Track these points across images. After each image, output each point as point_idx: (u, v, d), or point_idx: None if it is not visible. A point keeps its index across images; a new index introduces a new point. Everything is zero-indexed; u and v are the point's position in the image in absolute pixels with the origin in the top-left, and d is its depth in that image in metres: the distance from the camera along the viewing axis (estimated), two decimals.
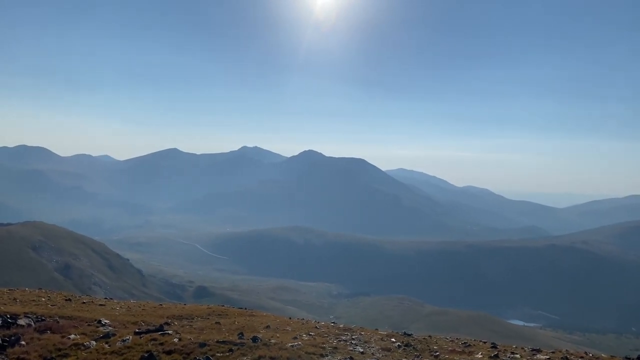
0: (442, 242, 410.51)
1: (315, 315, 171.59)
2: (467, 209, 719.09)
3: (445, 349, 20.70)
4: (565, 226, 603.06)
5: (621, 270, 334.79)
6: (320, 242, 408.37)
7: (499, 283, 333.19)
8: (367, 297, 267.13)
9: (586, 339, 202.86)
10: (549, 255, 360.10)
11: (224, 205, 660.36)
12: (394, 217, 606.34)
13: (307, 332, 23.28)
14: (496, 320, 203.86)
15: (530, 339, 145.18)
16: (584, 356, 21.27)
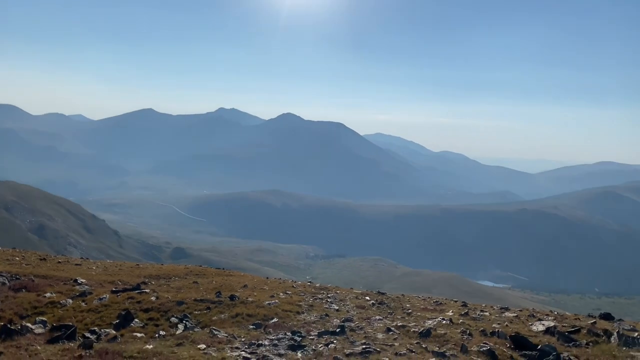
0: (417, 206, 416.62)
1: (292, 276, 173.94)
2: (442, 174, 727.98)
3: (418, 306, 21.30)
4: (537, 191, 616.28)
5: (587, 234, 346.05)
6: (298, 205, 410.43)
7: (471, 246, 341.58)
8: (343, 259, 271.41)
9: (552, 299, 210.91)
10: (520, 219, 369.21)
11: (201, 167, 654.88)
12: (371, 182, 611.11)
13: (283, 291, 23.65)
14: (467, 281, 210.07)
15: (499, 299, 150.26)
16: (549, 314, 22.15)
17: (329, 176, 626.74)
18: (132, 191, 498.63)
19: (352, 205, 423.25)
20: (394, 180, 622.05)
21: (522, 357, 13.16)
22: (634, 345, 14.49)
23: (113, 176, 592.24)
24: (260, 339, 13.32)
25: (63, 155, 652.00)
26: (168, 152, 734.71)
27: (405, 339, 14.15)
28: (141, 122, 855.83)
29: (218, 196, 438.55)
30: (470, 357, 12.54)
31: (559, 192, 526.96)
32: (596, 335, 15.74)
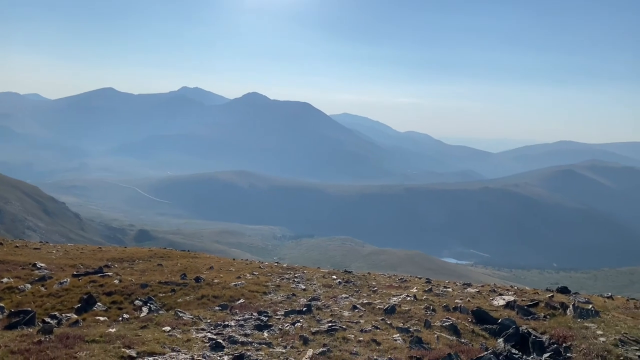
0: (383, 186, 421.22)
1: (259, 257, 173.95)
2: (408, 153, 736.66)
3: (383, 284, 21.64)
4: (499, 170, 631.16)
5: (547, 211, 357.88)
6: (265, 186, 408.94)
7: (435, 224, 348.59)
8: (311, 239, 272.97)
9: (513, 275, 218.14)
10: (482, 197, 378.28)
11: (164, 148, 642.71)
12: (338, 162, 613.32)
13: (250, 272, 23.63)
14: (431, 259, 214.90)
15: (462, 275, 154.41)
16: (510, 289, 22.88)
17: (295, 156, 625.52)
18: (92, 173, 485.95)
19: (319, 185, 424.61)
20: (360, 160, 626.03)
21: (483, 331, 13.55)
22: (588, 316, 15.12)
23: (72, 158, 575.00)
24: (227, 320, 13.27)
25: (18, 136, 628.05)
26: (129, 133, 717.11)
27: (370, 316, 14.37)
28: (101, 101, 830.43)
29: (182, 177, 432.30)
30: (433, 332, 12.83)
31: (520, 171, 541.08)
32: (553, 308, 16.35)
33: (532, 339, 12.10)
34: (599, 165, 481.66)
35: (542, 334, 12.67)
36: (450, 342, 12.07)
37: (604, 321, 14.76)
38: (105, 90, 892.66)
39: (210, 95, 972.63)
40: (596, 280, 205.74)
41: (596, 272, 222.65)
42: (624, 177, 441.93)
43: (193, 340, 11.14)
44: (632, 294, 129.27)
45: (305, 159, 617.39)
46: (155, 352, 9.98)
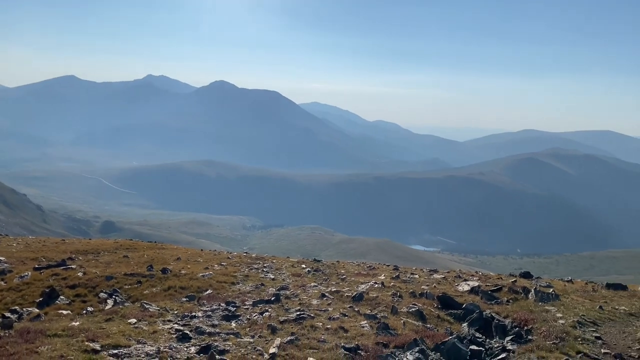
0: (352, 175, 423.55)
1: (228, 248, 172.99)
2: (376, 142, 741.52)
3: (352, 272, 21.84)
4: (465, 158, 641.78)
5: (511, 198, 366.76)
6: (234, 175, 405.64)
7: (404, 212, 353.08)
8: (281, 229, 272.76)
9: (478, 261, 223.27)
10: (449, 186, 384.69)
11: (129, 137, 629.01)
12: (307, 151, 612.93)
13: (218, 262, 23.47)
14: (399, 246, 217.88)
15: (429, 262, 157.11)
16: (475, 275, 23.42)
17: (264, 145, 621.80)
18: (54, 163, 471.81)
19: (288, 174, 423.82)
20: (329, 149, 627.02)
21: (448, 315, 13.85)
22: (548, 300, 15.63)
23: (32, 148, 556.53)
24: (194, 311, 13.19)
25: None
26: (93, 122, 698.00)
27: (339, 304, 14.49)
28: (62, 90, 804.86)
29: (149, 167, 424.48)
30: (400, 318, 13.04)
31: (485, 159, 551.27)
32: (516, 292, 16.83)
33: (495, 323, 12.43)
34: (561, 153, 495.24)
35: (504, 318, 13.04)
36: (416, 327, 12.29)
37: (564, 304, 15.28)
38: (67, 78, 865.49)
39: (176, 83, 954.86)
40: (558, 264, 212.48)
41: (558, 257, 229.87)
42: (584, 165, 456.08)
43: (159, 332, 11.03)
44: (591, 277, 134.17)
45: (274, 148, 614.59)
46: (121, 345, 9.85)
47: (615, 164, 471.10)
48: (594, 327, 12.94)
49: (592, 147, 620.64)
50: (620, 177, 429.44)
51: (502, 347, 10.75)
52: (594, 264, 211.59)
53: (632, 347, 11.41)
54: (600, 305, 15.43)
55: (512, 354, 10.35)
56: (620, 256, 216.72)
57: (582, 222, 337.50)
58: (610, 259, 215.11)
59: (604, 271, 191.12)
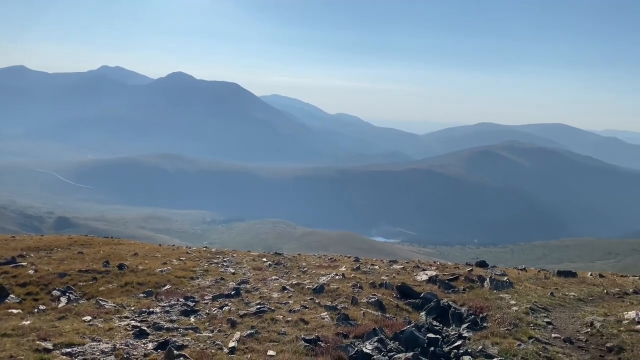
0: (314, 168, 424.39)
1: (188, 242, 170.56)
2: (338, 135, 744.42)
3: (313, 264, 21.92)
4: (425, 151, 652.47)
5: (469, 190, 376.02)
6: (193, 169, 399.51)
7: (365, 204, 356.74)
8: (242, 222, 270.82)
9: (437, 251, 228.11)
10: (409, 178, 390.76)
11: (84, 130, 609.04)
12: (268, 144, 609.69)
13: (177, 257, 23.12)
14: (361, 238, 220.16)
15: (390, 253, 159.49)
16: (433, 264, 23.92)
17: (224, 138, 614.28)
18: (4, 157, 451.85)
19: (249, 167, 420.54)
20: (291, 142, 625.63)
21: (407, 305, 14.11)
22: (503, 288, 16.13)
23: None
24: (152, 307, 12.95)
25: None
26: (44, 115, 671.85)
27: (299, 296, 14.53)
28: (10, 80, 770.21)
29: (104, 161, 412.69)
30: (360, 308, 13.18)
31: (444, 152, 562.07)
32: (472, 281, 17.29)
33: (452, 311, 12.74)
34: (516, 145, 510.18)
35: (461, 306, 13.38)
36: (375, 317, 12.46)
37: (517, 291, 15.81)
38: (15, 68, 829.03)
39: (132, 74, 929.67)
40: (513, 254, 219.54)
41: (513, 247, 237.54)
42: (538, 157, 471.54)
43: (115, 329, 10.79)
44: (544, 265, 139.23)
45: (234, 141, 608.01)
46: (74, 343, 9.58)
47: (567, 156, 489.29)
48: (546, 312, 13.45)
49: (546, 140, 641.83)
50: (572, 169, 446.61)
51: (458, 335, 11.03)
52: (547, 252, 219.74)
53: (580, 331, 11.93)
54: (552, 291, 16.05)
55: (468, 340, 10.63)
56: (572, 245, 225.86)
57: (536, 213, 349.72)
58: (562, 248, 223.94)
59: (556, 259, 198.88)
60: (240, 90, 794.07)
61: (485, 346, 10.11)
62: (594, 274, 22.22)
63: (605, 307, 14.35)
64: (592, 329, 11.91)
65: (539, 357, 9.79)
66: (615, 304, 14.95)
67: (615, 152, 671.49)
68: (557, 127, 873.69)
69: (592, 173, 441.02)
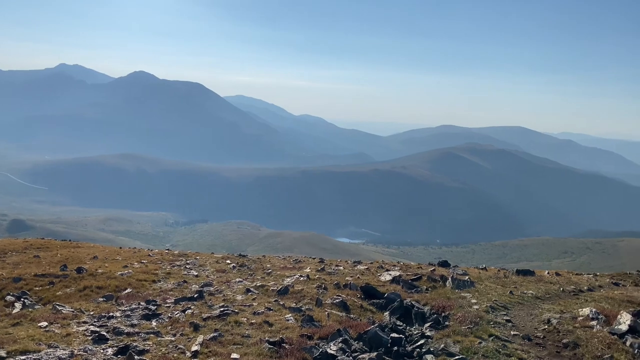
0: (279, 169, 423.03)
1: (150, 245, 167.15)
2: (302, 136, 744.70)
3: (278, 266, 21.84)
4: (388, 153, 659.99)
5: (431, 191, 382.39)
6: (155, 170, 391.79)
7: (330, 205, 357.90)
8: (205, 224, 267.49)
9: (401, 252, 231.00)
10: (373, 179, 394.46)
11: (41, 130, 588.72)
12: (232, 144, 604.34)
13: (139, 260, 22.64)
14: (326, 239, 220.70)
15: (355, 254, 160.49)
16: (396, 265, 24.20)
17: (188, 139, 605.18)
18: None
19: (213, 168, 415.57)
20: (255, 143, 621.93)
21: (371, 305, 14.21)
22: (464, 287, 16.45)
23: None
24: (112, 311, 12.63)
25: None
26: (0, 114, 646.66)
27: (264, 298, 14.44)
28: None
29: (62, 162, 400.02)
30: (324, 309, 13.20)
31: (407, 153, 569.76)
32: (434, 281, 17.57)
33: (415, 310, 12.91)
34: (476, 147, 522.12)
35: (424, 306, 13.57)
36: (340, 318, 12.50)
37: (478, 290, 16.15)
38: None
39: (92, 73, 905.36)
40: (474, 253, 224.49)
41: (474, 246, 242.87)
42: (498, 159, 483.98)
43: (73, 335, 10.47)
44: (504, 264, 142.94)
45: (197, 142, 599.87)
46: (29, 350, 9.24)
47: (526, 158, 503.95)
48: (505, 311, 13.79)
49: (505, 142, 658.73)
50: (530, 171, 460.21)
51: (421, 334, 11.19)
52: (506, 252, 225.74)
53: (538, 328, 12.28)
54: (511, 290, 16.47)
55: (430, 339, 10.79)
56: (530, 244, 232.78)
57: (496, 213, 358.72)
58: (520, 247, 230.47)
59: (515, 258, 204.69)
60: (204, 90, 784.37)
61: (447, 344, 10.28)
62: (551, 272, 22.93)
63: (562, 305, 14.82)
64: (549, 326, 12.27)
65: (498, 355, 10.02)
66: (570, 301, 15.46)
67: (571, 154, 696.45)
68: (516, 129, 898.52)
69: (549, 174, 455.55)
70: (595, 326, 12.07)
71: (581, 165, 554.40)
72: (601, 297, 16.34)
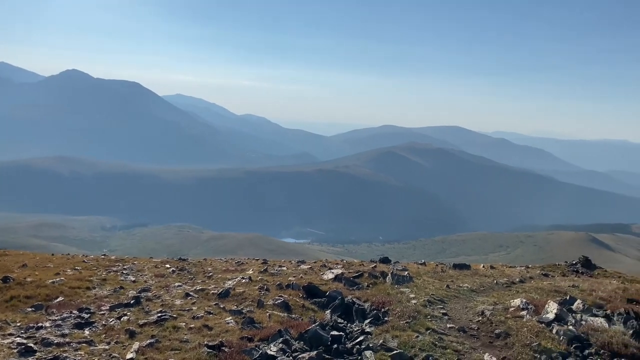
0: (222, 169, 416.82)
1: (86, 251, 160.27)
2: (245, 136, 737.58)
3: (220, 269, 21.51)
4: (332, 152, 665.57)
5: (374, 190, 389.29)
6: (90, 172, 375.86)
7: (274, 206, 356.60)
8: (144, 228, 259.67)
9: (345, 250, 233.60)
10: (317, 179, 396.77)
11: None
12: (172, 145, 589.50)
13: (72, 267, 21.64)
14: (271, 240, 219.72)
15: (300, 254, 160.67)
16: (339, 263, 24.42)
17: (125, 140, 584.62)
18: None
19: (152, 170, 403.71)
20: (196, 144, 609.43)
21: (313, 304, 14.27)
22: (404, 282, 16.83)
23: None
24: (41, 322, 12.01)
25: None
26: None
27: (204, 302, 14.18)
28: None
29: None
30: (265, 311, 13.14)
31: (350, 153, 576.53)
32: (375, 277, 17.87)
33: (356, 307, 13.08)
34: (416, 147, 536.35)
35: (364, 302, 13.77)
36: (281, 318, 12.48)
37: (417, 285, 16.58)
38: None
39: (20, 71, 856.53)
40: (415, 249, 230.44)
41: (415, 242, 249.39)
42: (436, 157, 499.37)
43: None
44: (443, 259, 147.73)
45: (135, 143, 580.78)
46: None
47: (462, 156, 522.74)
48: (442, 304, 14.24)
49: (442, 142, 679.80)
50: (466, 169, 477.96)
51: (361, 330, 11.34)
52: (445, 247, 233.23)
53: (472, 320, 12.77)
54: (448, 284, 17.02)
55: (370, 335, 10.97)
56: (467, 239, 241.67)
57: (436, 210, 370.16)
58: (459, 242, 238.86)
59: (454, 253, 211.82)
60: (141, 89, 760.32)
61: (386, 340, 10.48)
62: (486, 265, 23.87)
63: (495, 297, 15.47)
64: (483, 318, 12.78)
65: (435, 347, 10.33)
66: (503, 293, 16.17)
67: (505, 152, 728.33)
68: (452, 129, 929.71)
69: (484, 172, 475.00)
70: (525, 316, 12.69)
71: (514, 163, 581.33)
72: (531, 288, 17.20)
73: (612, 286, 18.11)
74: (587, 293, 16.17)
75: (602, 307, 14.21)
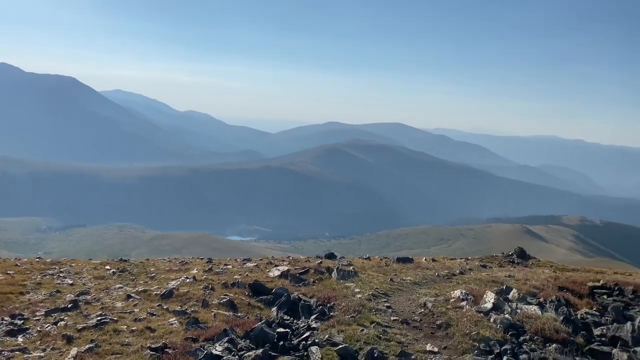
0: (164, 167, 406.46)
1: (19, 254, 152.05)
2: (189, 133, 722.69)
3: (163, 269, 21.01)
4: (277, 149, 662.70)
5: (319, 186, 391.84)
6: (22, 172, 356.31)
7: (220, 204, 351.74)
8: (83, 228, 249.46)
9: (292, 246, 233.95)
10: (263, 176, 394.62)
11: None
12: (111, 143, 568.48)
13: (4, 271, 20.48)
14: (216, 239, 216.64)
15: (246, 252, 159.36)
16: (285, 260, 24.43)
17: (59, 137, 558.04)
18: None
19: (90, 169, 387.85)
20: (137, 141, 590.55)
21: (259, 302, 14.23)
22: (349, 277, 17.09)
23: None
24: None
25: None
26: None
27: (146, 304, 13.84)
28: None
29: None
30: (210, 310, 12.98)
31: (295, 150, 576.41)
32: (321, 273, 18.04)
33: (302, 303, 13.16)
34: (360, 143, 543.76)
35: (310, 298, 13.87)
36: (227, 317, 12.36)
37: (361, 279, 16.87)
38: None
39: None
40: (360, 244, 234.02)
41: (360, 238, 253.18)
42: (379, 154, 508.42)
43: None
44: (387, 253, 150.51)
45: (71, 140, 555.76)
46: None
47: (404, 152, 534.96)
48: (386, 298, 14.56)
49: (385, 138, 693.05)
50: (408, 165, 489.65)
51: (307, 326, 11.43)
52: (390, 241, 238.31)
53: (415, 312, 13.16)
54: (391, 277, 17.42)
55: (316, 331, 11.08)
56: (410, 233, 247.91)
57: (380, 205, 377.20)
58: (402, 236, 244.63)
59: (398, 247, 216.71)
60: (77, 84, 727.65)
61: (331, 335, 10.62)
62: (428, 258, 24.60)
63: (437, 288, 15.99)
64: (425, 309, 13.19)
65: (379, 340, 10.57)
66: (444, 285, 16.74)
67: (445, 148, 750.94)
68: (395, 126, 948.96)
69: (426, 167, 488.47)
70: (465, 306, 13.20)
71: (454, 158, 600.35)
72: (471, 279, 17.89)
73: (544, 275, 19.16)
74: (522, 282, 17.01)
75: (536, 295, 15.01)
